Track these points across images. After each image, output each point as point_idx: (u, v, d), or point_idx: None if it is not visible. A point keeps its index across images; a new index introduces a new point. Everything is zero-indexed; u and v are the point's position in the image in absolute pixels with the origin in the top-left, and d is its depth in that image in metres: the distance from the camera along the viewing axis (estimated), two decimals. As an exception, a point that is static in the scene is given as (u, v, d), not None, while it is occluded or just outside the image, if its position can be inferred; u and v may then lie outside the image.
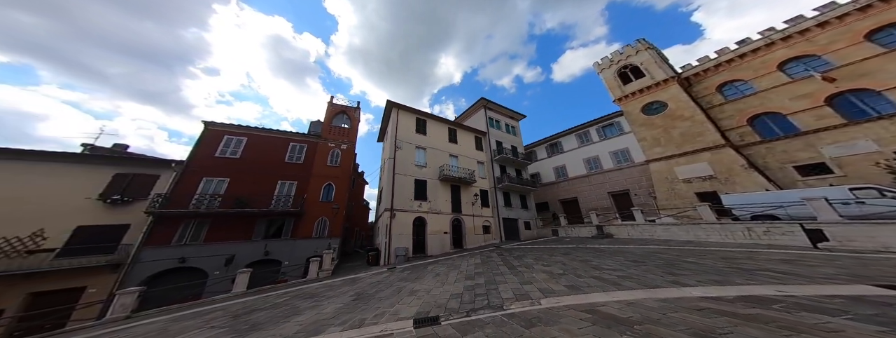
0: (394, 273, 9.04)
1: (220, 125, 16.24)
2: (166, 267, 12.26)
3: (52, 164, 12.17)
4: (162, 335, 4.89)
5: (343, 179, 19.09)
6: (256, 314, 5.70)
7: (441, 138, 22.13)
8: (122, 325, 6.53)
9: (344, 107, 22.27)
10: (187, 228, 13.41)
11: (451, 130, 23.30)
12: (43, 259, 10.67)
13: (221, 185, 14.85)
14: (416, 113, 21.57)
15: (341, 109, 21.99)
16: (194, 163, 14.60)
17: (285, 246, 15.15)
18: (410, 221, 16.45)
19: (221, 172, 15.11)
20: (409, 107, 21.06)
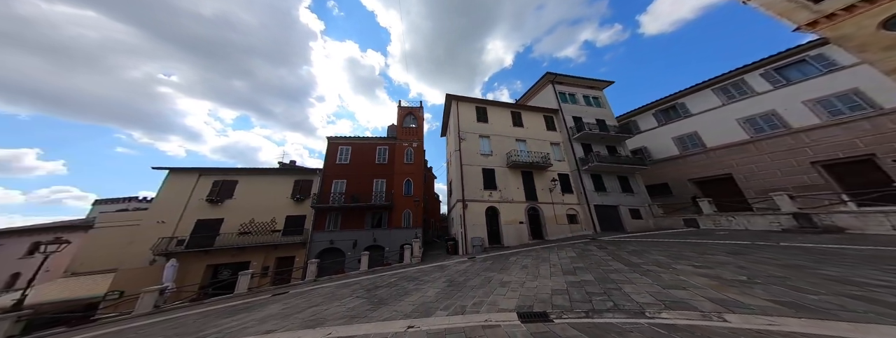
0: (476, 263, 9.29)
1: (335, 139, 21.92)
2: (325, 247, 18.59)
3: (271, 176, 21.13)
4: (332, 297, 6.27)
5: (418, 175, 22.63)
6: (380, 290, 6.42)
7: (504, 124, 21.56)
8: (311, 286, 9.40)
9: (410, 108, 25.34)
10: (331, 218, 20.72)
11: (514, 113, 22.14)
12: (277, 237, 19.95)
13: (342, 185, 21.48)
14: (475, 102, 21.81)
15: (408, 110, 25.15)
16: (327, 169, 20.88)
17: (385, 234, 20.40)
18: (482, 211, 17.71)
19: (341, 175, 21.22)
20: (468, 97, 21.38)
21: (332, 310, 5.13)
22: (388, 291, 6.41)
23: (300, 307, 5.84)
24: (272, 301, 7.39)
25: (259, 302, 7.49)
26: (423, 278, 7.60)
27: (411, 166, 23.11)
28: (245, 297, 9.54)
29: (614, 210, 19.46)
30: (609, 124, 21.95)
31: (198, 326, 5.54)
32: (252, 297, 9.08)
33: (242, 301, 8.25)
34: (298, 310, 5.59)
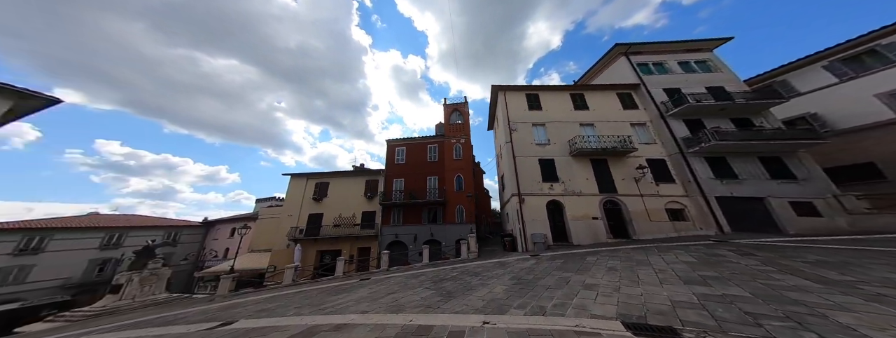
0: (542, 261, 7.90)
1: (393, 141, 21.83)
2: (392, 240, 18.37)
3: (348, 178, 21.99)
4: (404, 286, 6.09)
5: (467, 170, 19.38)
6: (445, 283, 5.99)
7: (562, 108, 15.71)
8: (386, 275, 9.22)
9: (455, 105, 21.80)
10: (394, 213, 20.45)
11: (574, 96, 15.94)
12: (356, 230, 21.23)
13: (401, 183, 20.72)
14: (524, 89, 16.86)
15: (453, 107, 21.62)
16: (388, 169, 20.85)
17: (440, 229, 18.68)
18: (543, 204, 13.86)
19: (399, 174, 20.93)
20: (515, 85, 17.43)
21: (408, 298, 4.92)
22: (453, 284, 5.95)
23: (382, 293, 5.73)
24: (360, 285, 7.40)
25: (351, 285, 7.67)
26: (485, 274, 6.84)
27: (460, 162, 20.29)
28: (341, 279, 9.93)
29: (758, 204, 11.71)
30: (732, 91, 13.35)
31: (319, 299, 5.94)
32: (346, 280, 9.41)
33: (340, 283, 8.53)
34: (381, 295, 5.49)
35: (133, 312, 9.56)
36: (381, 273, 10.18)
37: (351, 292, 6.48)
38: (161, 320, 6.17)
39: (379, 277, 8.91)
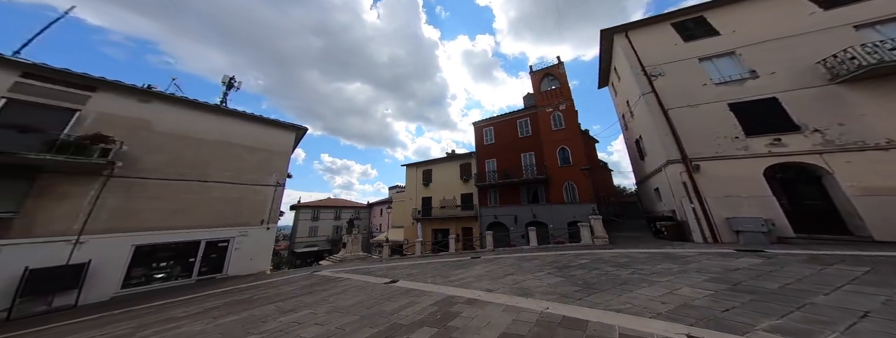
0: (775, 261, 3.86)
1: (479, 122, 17.90)
2: (491, 220, 15.04)
3: (444, 163, 19.51)
4: (520, 269, 4.88)
5: (574, 141, 12.05)
6: (575, 271, 4.28)
7: (777, 19, 5.83)
8: (494, 255, 7.49)
9: (546, 69, 14.55)
10: (491, 195, 16.25)
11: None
12: (458, 211, 18.72)
13: (493, 163, 16.11)
14: (667, 19, 8.26)
15: (544, 72, 14.25)
16: (478, 151, 17.18)
17: (545, 210, 12.98)
18: (756, 172, 6.59)
19: (490, 154, 16.52)
20: (649, 18, 9.32)
21: (531, 283, 3.79)
22: (587, 273, 4.11)
23: (498, 273, 4.66)
24: (473, 263, 6.28)
25: (465, 262, 6.58)
26: (642, 268, 4.22)
27: (563, 132, 13.20)
28: (455, 256, 8.81)
29: None
30: None
31: (444, 272, 5.32)
32: (459, 257, 8.27)
33: (455, 259, 7.53)
34: (499, 275, 4.49)
35: (352, 261, 11.59)
36: (488, 253, 8.42)
37: (467, 268, 5.56)
38: (364, 270, 6.79)
39: (488, 256, 7.36)
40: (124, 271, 6.42)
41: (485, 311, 2.65)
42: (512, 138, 16.13)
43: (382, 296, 3.68)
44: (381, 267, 7.25)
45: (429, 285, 4.21)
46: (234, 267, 7.90)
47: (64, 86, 6.39)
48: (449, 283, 4.21)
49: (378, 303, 3.32)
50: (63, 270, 5.68)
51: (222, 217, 7.98)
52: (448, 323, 2.41)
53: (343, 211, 33.25)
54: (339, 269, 7.75)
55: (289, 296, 4.39)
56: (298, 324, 2.79)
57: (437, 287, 3.93)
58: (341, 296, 3.99)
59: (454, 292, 3.52)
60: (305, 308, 3.44)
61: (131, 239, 6.61)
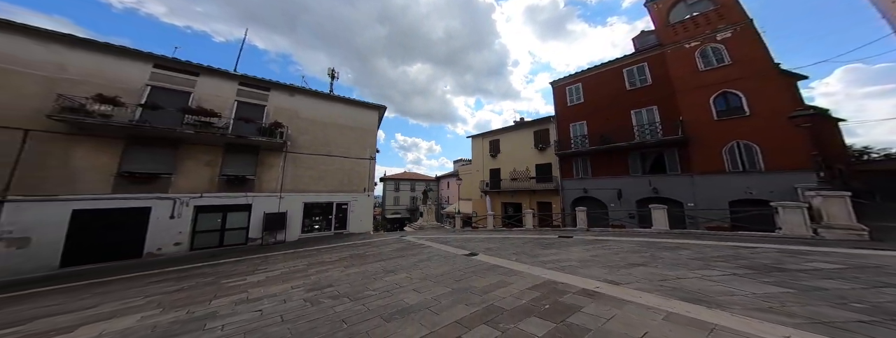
0: None
1: (559, 81, 14.06)
2: (578, 195, 12.15)
3: (514, 132, 17.00)
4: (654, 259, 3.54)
5: (756, 79, 6.78)
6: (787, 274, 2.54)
7: None
8: (594, 235, 6.46)
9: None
10: (577, 164, 12.67)
11: None
12: (532, 183, 15.97)
13: (582, 127, 12.18)
14: None
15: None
16: (559, 115, 13.67)
17: (678, 183, 8.81)
18: None
19: (577, 116, 12.69)
20: None
21: (703, 285, 2.41)
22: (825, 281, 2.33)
23: (615, 261, 3.61)
24: (563, 243, 5.47)
25: (553, 241, 5.81)
26: None
27: (728, 70, 8.26)
28: (534, 232, 7.96)
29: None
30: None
31: (529, 249, 4.83)
32: (540, 234, 7.42)
33: (537, 236, 6.80)
34: (617, 263, 3.43)
35: (429, 230, 11.98)
36: (580, 233, 7.22)
37: (560, 248, 4.79)
38: (441, 239, 6.76)
39: (583, 237, 6.26)
40: (301, 221, 8.88)
41: (625, 312, 1.89)
42: (614, 93, 11.76)
43: (467, 269, 3.53)
44: (455, 238, 7.19)
45: (514, 262, 3.78)
46: (352, 226, 9.92)
47: (260, 89, 8.86)
48: (540, 264, 3.62)
49: (465, 277, 3.16)
50: (277, 215, 8.34)
51: (342, 184, 9.92)
52: (567, 318, 1.86)
53: (416, 183, 35.96)
54: (419, 235, 8.30)
55: (388, 257, 4.78)
56: (399, 287, 2.90)
57: (527, 267, 3.44)
58: (429, 264, 4.01)
59: (553, 276, 2.97)
60: (403, 271, 3.62)
61: (302, 197, 8.93)
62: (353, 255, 5.15)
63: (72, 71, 6.21)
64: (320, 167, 9.41)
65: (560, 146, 13.11)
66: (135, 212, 6.47)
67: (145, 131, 6.53)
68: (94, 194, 6.07)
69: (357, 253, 5.32)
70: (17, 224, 5.38)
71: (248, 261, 5.30)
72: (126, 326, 2.27)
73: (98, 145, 6.24)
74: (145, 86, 6.88)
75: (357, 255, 5.13)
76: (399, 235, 8.97)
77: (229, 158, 7.72)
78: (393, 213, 33.80)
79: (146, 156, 6.68)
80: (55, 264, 5.65)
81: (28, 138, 5.61)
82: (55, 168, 5.82)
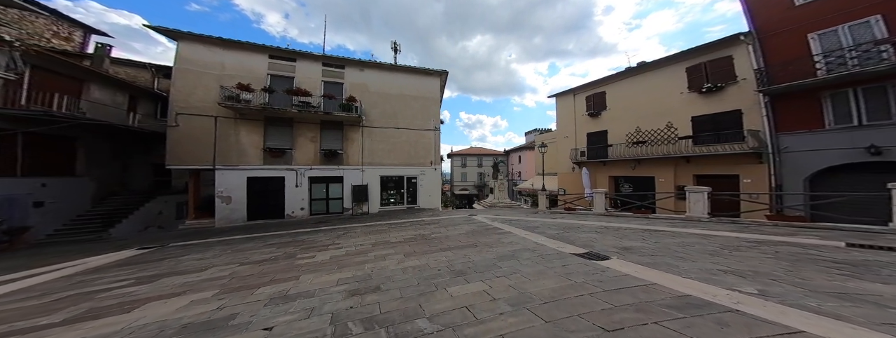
0: None
1: None
2: (844, 161, 5.95)
3: (640, 76, 11.13)
4: None
5: None
6: None
7: None
8: None
9: None
10: (843, 101, 6.30)
11: None
12: (684, 146, 9.96)
13: (865, 29, 5.31)
14: None
15: None
16: (769, 26, 7.32)
17: None
18: None
19: (838, 16, 5.98)
20: None
21: None
22: None
23: None
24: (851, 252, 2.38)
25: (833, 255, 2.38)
26: None
27: None
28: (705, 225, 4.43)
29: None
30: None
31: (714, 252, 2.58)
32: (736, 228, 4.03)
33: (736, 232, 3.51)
34: None
35: (502, 209, 10.75)
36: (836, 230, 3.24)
37: None
38: (524, 224, 5.09)
39: None
40: (379, 194, 9.34)
41: None
42: None
43: (606, 290, 1.61)
44: (545, 223, 5.14)
45: (683, 279, 1.72)
46: (422, 201, 9.93)
47: (337, 67, 9.25)
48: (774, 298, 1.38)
49: (614, 311, 1.33)
50: (361, 188, 8.92)
51: (410, 157, 9.87)
52: None
53: (483, 159, 32.91)
54: (491, 215, 7.10)
55: (456, 244, 3.45)
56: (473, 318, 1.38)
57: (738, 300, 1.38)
58: (518, 266, 2.30)
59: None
60: (476, 275, 2.12)
61: (378, 171, 9.31)
62: (419, 236, 4.26)
63: (227, 68, 7.76)
64: (390, 140, 9.52)
65: (771, 78, 6.76)
66: (276, 181, 8.06)
67: (273, 113, 7.77)
68: (254, 166, 7.89)
69: (423, 234, 4.46)
70: (224, 186, 7.49)
71: (335, 231, 5.25)
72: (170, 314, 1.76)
73: (251, 126, 7.90)
74: (267, 74, 8.15)
75: (422, 236, 4.21)
76: (468, 213, 7.99)
77: (324, 134, 8.53)
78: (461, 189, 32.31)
79: (277, 134, 8.08)
80: (244, 217, 7.65)
81: (217, 123, 7.56)
82: (233, 145, 7.70)
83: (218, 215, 7.34)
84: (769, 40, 7.39)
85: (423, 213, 8.50)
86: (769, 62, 7.27)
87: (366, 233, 4.87)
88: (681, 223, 4.63)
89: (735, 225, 4.30)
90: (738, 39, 8.04)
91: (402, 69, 10.12)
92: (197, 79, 7.41)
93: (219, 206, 7.37)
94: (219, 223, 7.25)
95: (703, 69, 9.11)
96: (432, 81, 10.55)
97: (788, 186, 6.80)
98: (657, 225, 4.42)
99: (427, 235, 4.28)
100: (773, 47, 7.28)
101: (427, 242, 3.81)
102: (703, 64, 9.08)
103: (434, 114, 10.42)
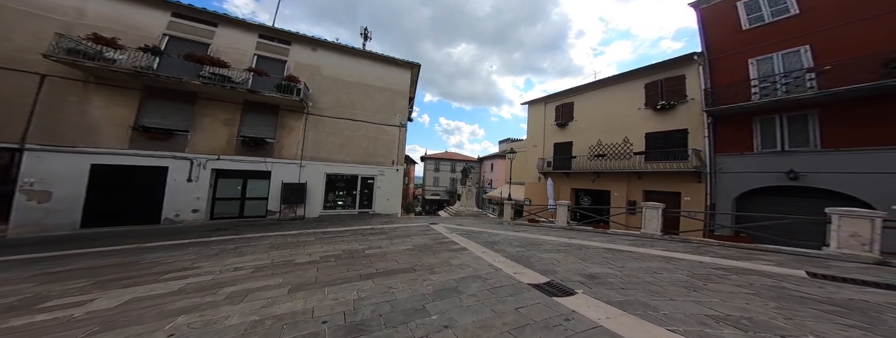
0: None
1: None
2: (766, 184, 6.44)
3: (605, 89, 11.47)
4: None
5: None
6: None
7: None
8: None
9: None
10: (770, 126, 6.70)
11: None
12: (637, 162, 10.38)
13: (795, 58, 5.81)
14: None
15: None
16: (718, 48, 7.81)
17: None
18: None
19: (776, 43, 6.57)
20: None
21: None
22: None
23: None
24: None
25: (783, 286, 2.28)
26: None
27: None
28: (664, 244, 4.36)
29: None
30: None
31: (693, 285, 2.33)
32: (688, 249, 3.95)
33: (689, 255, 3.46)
34: None
35: (466, 217, 10.42)
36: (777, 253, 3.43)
37: None
38: (485, 238, 4.59)
39: None
40: (323, 195, 7.88)
41: None
42: None
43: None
44: (508, 237, 4.71)
45: None
46: (378, 205, 8.71)
47: (281, 42, 7.87)
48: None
49: None
50: (296, 187, 7.26)
51: (367, 154, 8.69)
52: None
53: (457, 164, 32.61)
54: (453, 225, 6.62)
55: (389, 268, 2.76)
56: None
57: None
58: (456, 309, 1.75)
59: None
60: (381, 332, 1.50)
61: (324, 167, 7.90)
62: (347, 252, 3.41)
63: (91, 16, 5.93)
64: (344, 133, 8.37)
65: (717, 99, 7.13)
66: (152, 171, 6.07)
67: (158, 82, 5.97)
68: (111, 148, 5.76)
69: (355, 249, 3.64)
70: (39, 176, 5.17)
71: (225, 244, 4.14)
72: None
73: (114, 96, 5.89)
74: (162, 35, 6.47)
75: (351, 253, 3.36)
76: (428, 222, 7.34)
77: (248, 118, 7.11)
78: (433, 194, 31.48)
79: (163, 110, 6.29)
80: (76, 223, 5.42)
81: (44, 84, 5.38)
82: (74, 117, 5.56)
83: (16, 221, 4.85)
84: (717, 62, 7.85)
85: (376, 219, 7.53)
86: (715, 84, 7.67)
87: (272, 247, 3.86)
88: (639, 241, 4.55)
89: (687, 245, 4.29)
90: (692, 59, 8.49)
91: (367, 56, 9.02)
92: (20, 20, 5.30)
93: (21, 205, 4.90)
94: (16, 231, 4.83)
95: (659, 86, 9.52)
96: (402, 73, 9.71)
97: (719, 206, 7.06)
98: (618, 243, 4.25)
99: (359, 252, 3.48)
100: (720, 69, 7.73)
101: (351, 262, 2.98)
102: (660, 81, 9.50)
103: (401, 109, 9.46)
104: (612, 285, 2.20)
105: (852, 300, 1.96)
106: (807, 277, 2.53)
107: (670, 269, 2.74)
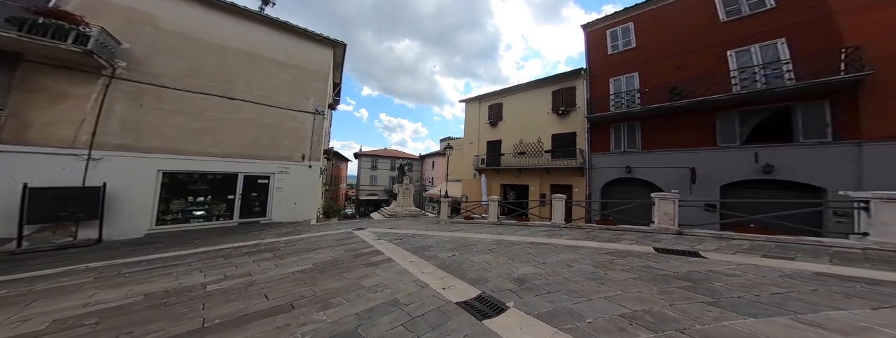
0: None
1: (598, 22, 10.47)
2: (617, 176, 9.07)
3: (526, 92, 13.54)
4: None
5: None
6: None
7: None
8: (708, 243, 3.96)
9: None
10: (618, 133, 9.46)
11: None
12: (547, 160, 12.67)
13: (631, 81, 8.70)
14: None
15: None
16: (594, 67, 10.30)
17: (820, 156, 5.82)
18: None
19: (623, 68, 9.35)
20: None
21: None
22: None
23: None
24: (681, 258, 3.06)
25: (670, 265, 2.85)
26: None
27: None
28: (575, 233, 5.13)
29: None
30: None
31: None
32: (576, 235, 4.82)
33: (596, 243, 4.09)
34: None
35: (403, 218, 10.02)
36: (632, 233, 4.59)
37: None
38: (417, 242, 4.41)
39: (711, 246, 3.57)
40: (155, 203, 5.76)
41: None
42: (695, 29, 8.10)
43: None
44: (442, 239, 4.77)
45: None
46: (278, 212, 7.22)
47: None
48: None
49: None
50: (75, 192, 4.77)
51: (259, 146, 7.16)
52: None
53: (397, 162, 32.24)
54: (384, 229, 6.10)
55: (245, 313, 1.91)
56: None
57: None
58: None
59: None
60: None
61: (156, 162, 5.82)
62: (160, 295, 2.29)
63: None
64: (208, 114, 6.44)
65: (593, 108, 9.68)
66: None
67: None
68: None
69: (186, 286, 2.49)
70: None
71: None
72: None
73: None
74: None
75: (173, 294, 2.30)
76: (353, 227, 6.33)
77: None
78: (369, 194, 30.28)
79: None
80: None
81: None
82: None
83: None
84: (595, 78, 10.50)
85: (270, 231, 5.81)
86: (593, 96, 10.26)
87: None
88: (552, 231, 5.30)
89: (582, 231, 5.22)
90: (580, 74, 11.07)
91: (260, 19, 7.39)
92: None
93: None
94: None
95: (561, 94, 11.99)
96: (320, 51, 8.49)
97: (594, 195, 9.61)
98: (537, 236, 4.81)
99: (186, 292, 2.27)
100: (596, 84, 10.38)
101: (149, 318, 1.83)
102: (562, 90, 11.98)
103: (317, 92, 8.19)
104: (538, 288, 2.26)
105: (690, 272, 2.47)
106: (654, 252, 3.23)
107: (578, 259, 3.15)
